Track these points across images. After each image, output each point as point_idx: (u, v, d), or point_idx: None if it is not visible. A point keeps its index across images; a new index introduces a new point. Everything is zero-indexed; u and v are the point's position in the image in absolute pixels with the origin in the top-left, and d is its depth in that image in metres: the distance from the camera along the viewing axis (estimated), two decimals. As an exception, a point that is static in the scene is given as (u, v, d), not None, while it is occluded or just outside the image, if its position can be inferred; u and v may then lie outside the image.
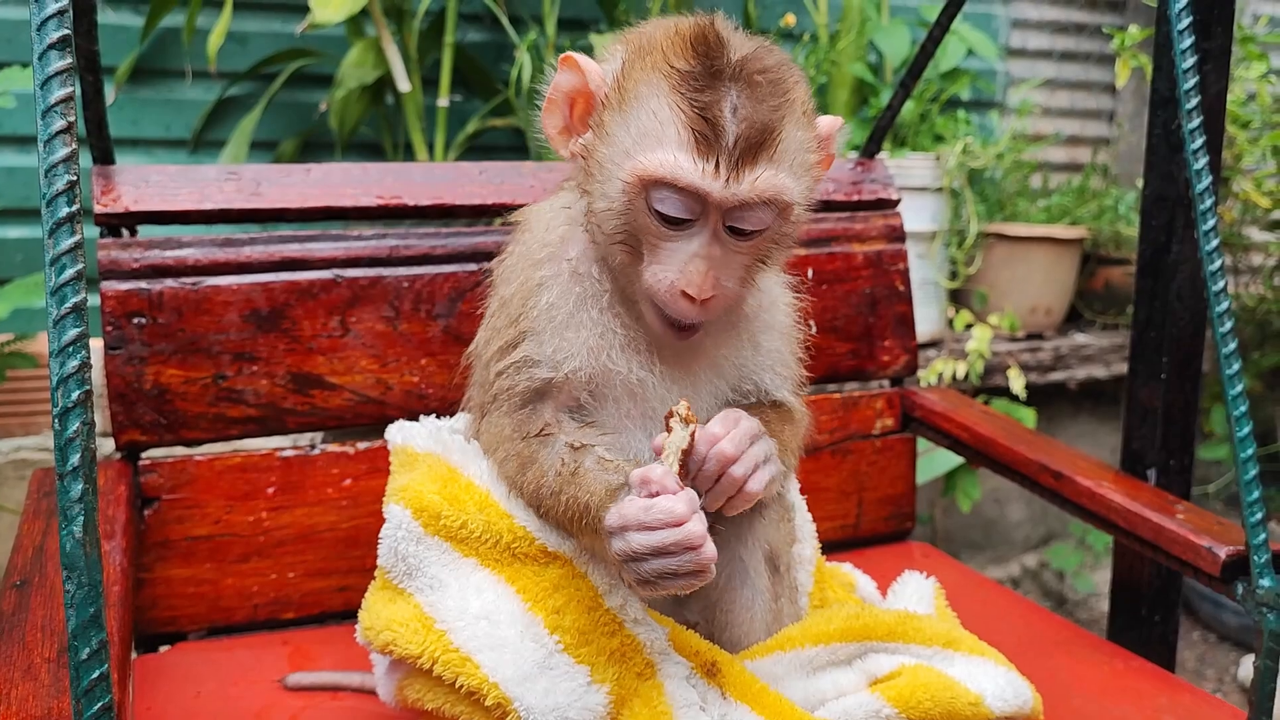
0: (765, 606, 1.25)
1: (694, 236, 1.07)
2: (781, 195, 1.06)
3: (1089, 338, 3.53)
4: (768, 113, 1.04)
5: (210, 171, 1.59)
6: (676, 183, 1.04)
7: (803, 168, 1.10)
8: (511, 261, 1.25)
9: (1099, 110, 4.15)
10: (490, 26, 3.18)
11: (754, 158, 1.04)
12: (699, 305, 1.07)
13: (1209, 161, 1.33)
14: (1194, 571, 1.41)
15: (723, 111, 1.03)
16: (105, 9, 2.83)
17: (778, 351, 1.26)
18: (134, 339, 1.50)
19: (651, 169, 1.04)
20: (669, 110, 1.04)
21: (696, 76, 1.03)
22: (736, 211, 1.06)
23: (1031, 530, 3.83)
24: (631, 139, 1.06)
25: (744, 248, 1.10)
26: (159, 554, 1.52)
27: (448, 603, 1.13)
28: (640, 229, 1.09)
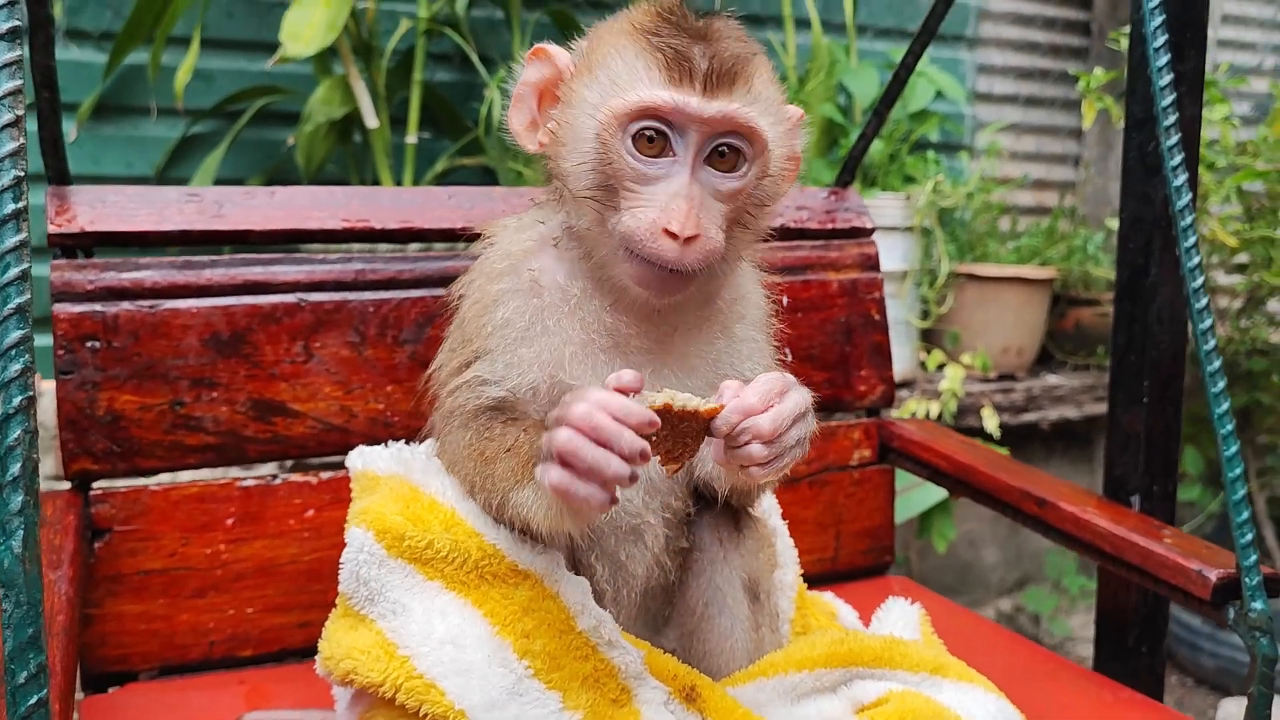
0: (745, 635, 1.21)
1: (674, 176, 1.05)
2: (758, 124, 1.06)
3: (1061, 378, 3.52)
4: (738, 54, 1.06)
5: (170, 193, 1.55)
6: (654, 105, 1.04)
7: (776, 120, 1.10)
8: (471, 277, 1.23)
9: (1065, 155, 4.19)
10: (459, 66, 3.16)
11: (730, 83, 1.05)
12: (682, 245, 1.03)
13: (1188, 178, 1.32)
14: (1183, 596, 1.37)
15: (692, 50, 1.05)
16: (69, 45, 2.79)
17: (753, 340, 1.22)
18: (87, 363, 1.44)
19: (628, 102, 1.05)
20: (639, 56, 1.06)
21: (663, 29, 1.06)
22: (717, 137, 1.06)
23: (1006, 573, 3.79)
24: (603, 88, 1.07)
25: (724, 190, 1.07)
26: (109, 589, 1.45)
27: (411, 628, 1.07)
28: (616, 175, 1.07)
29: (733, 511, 1.25)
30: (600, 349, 1.14)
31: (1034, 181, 4.09)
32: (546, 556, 1.10)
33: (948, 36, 3.86)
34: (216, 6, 2.88)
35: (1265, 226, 3.09)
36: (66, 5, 2.75)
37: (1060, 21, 4.08)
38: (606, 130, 1.06)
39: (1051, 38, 4.08)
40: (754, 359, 1.22)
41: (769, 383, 1.03)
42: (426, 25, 2.85)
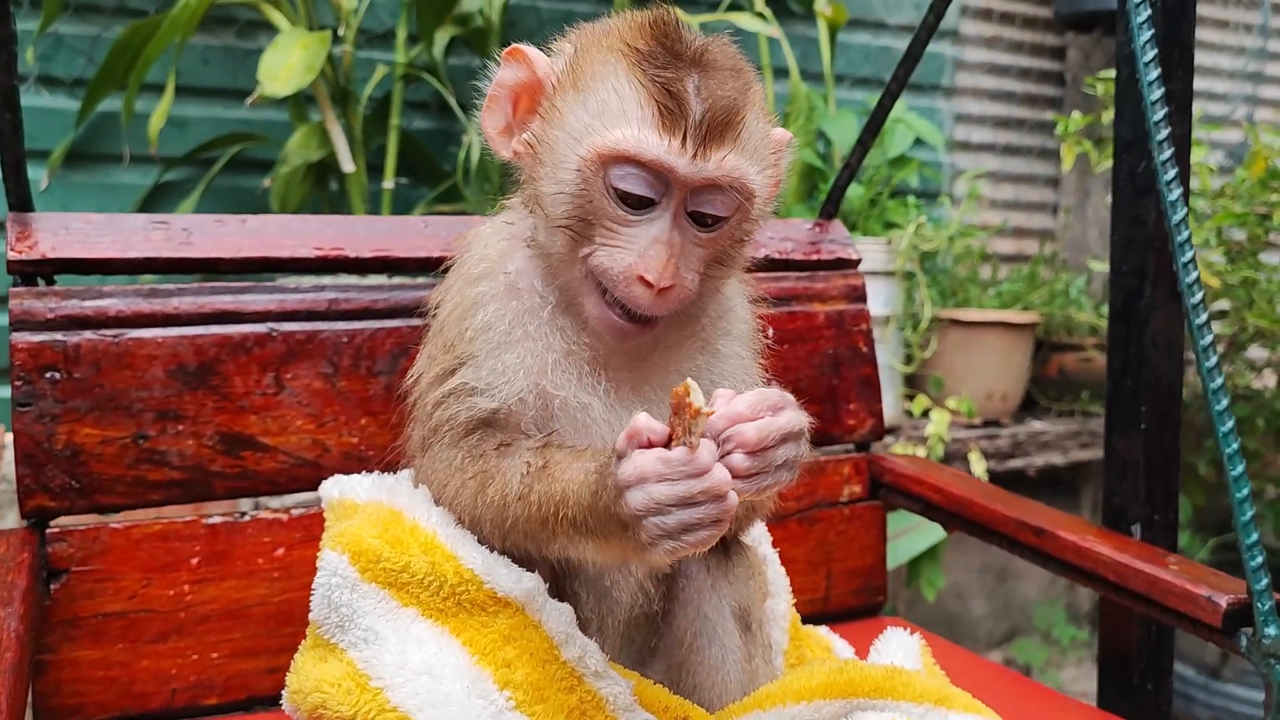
0: (737, 667, 1.14)
1: (655, 221, 1.00)
2: (747, 180, 1.02)
3: (1046, 424, 3.49)
4: (732, 94, 1.00)
5: (137, 220, 1.50)
6: (640, 158, 0.98)
7: (764, 161, 1.06)
8: (449, 282, 1.19)
9: (1042, 203, 4.20)
10: (437, 113, 3.14)
11: (720, 137, 0.99)
12: (656, 294, 0.99)
13: (1182, 193, 1.29)
14: (1192, 624, 1.32)
15: (687, 89, 0.98)
16: (40, 92, 2.76)
17: (738, 357, 1.18)
18: (46, 395, 1.38)
19: (614, 144, 0.99)
20: (630, 86, 0.99)
21: (657, 55, 1.00)
22: (701, 194, 1.01)
23: (994, 625, 3.72)
24: (590, 116, 1.01)
25: (704, 239, 1.03)
26: (65, 633, 1.37)
27: (384, 658, 1.01)
28: (595, 212, 1.02)
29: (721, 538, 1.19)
30: (583, 360, 1.10)
31: (1013, 229, 4.10)
32: (528, 583, 1.05)
33: (925, 86, 3.88)
34: (191, 53, 2.85)
35: (1246, 268, 3.09)
36: (39, 52, 2.72)
37: (1035, 71, 4.12)
38: (589, 166, 1.01)
39: (1027, 87, 4.11)
40: (738, 376, 1.18)
41: (764, 396, 0.97)
42: (404, 71, 2.83)
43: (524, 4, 3.20)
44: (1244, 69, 4.47)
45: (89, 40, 2.79)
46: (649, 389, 1.12)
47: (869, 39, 3.76)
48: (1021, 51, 4.09)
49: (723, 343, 1.18)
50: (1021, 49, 4.09)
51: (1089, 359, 3.53)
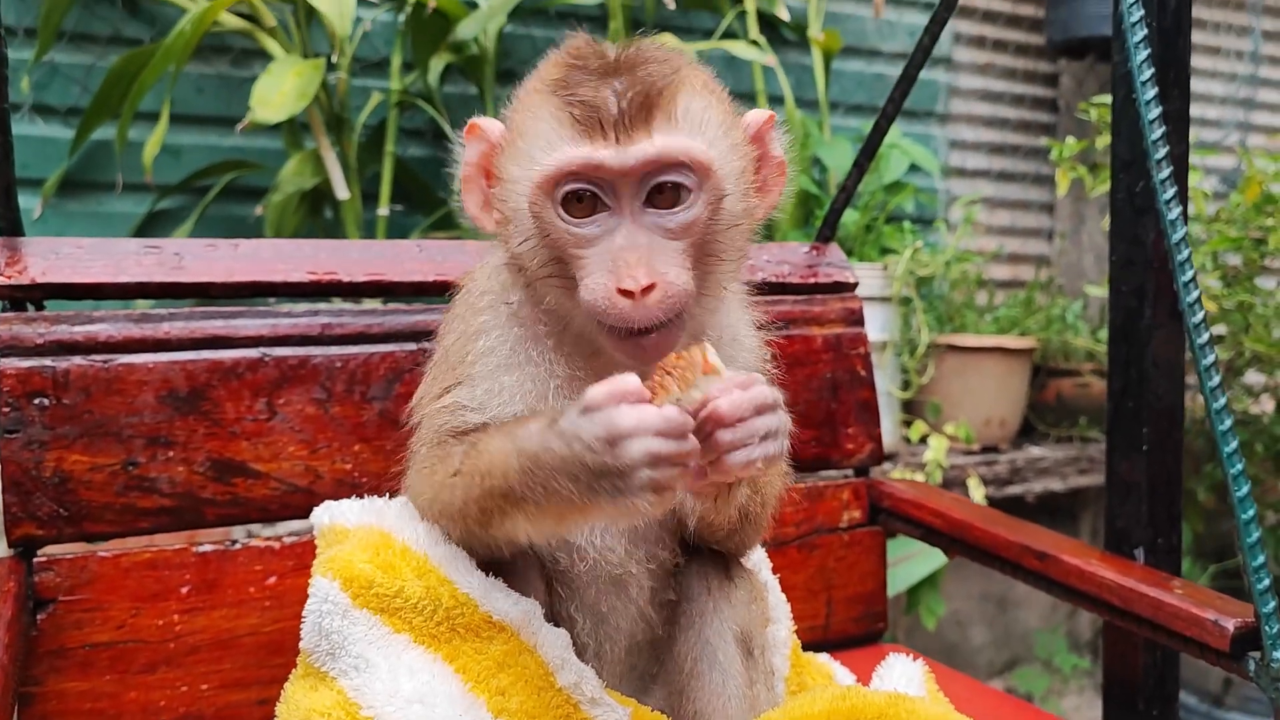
0: (739, 693, 1.12)
1: (614, 231, 0.99)
2: (691, 153, 0.98)
3: (1044, 450, 3.47)
4: (653, 79, 0.99)
5: (128, 244, 1.48)
6: (568, 169, 0.98)
7: (716, 136, 1.02)
8: (454, 312, 1.19)
9: (1037, 229, 4.21)
10: (432, 140, 3.14)
11: (646, 120, 0.98)
12: (640, 298, 0.96)
13: (1181, 213, 1.28)
14: (1199, 649, 1.30)
15: (603, 93, 0.98)
16: (35, 120, 2.75)
17: None
18: (34, 421, 1.36)
19: (545, 168, 0.98)
20: (550, 115, 1.00)
21: (570, 77, 1.00)
22: (649, 182, 0.99)
23: (995, 655, 3.69)
24: (523, 159, 1.01)
25: (675, 227, 1.00)
26: (52, 664, 1.35)
27: (376, 686, 0.98)
28: (560, 247, 1.01)
29: (723, 561, 1.18)
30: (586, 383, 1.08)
31: (1008, 255, 4.10)
32: (525, 606, 1.02)
33: (919, 112, 3.89)
34: (186, 81, 2.85)
35: (1243, 292, 3.08)
36: (34, 80, 2.71)
37: (1028, 98, 4.13)
38: (535, 204, 1.00)
39: (1020, 113, 4.12)
40: None
41: (732, 378, 0.97)
42: (399, 98, 2.83)
43: (518, 32, 3.20)
44: (1236, 95, 4.49)
45: (84, 69, 2.79)
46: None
47: (863, 66, 3.77)
48: (1015, 78, 4.11)
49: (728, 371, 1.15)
50: (1015, 76, 4.11)
51: (1086, 384, 3.51)
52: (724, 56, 3.34)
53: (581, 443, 0.91)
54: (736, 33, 3.31)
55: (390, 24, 3.02)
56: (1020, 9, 4.09)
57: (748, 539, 1.19)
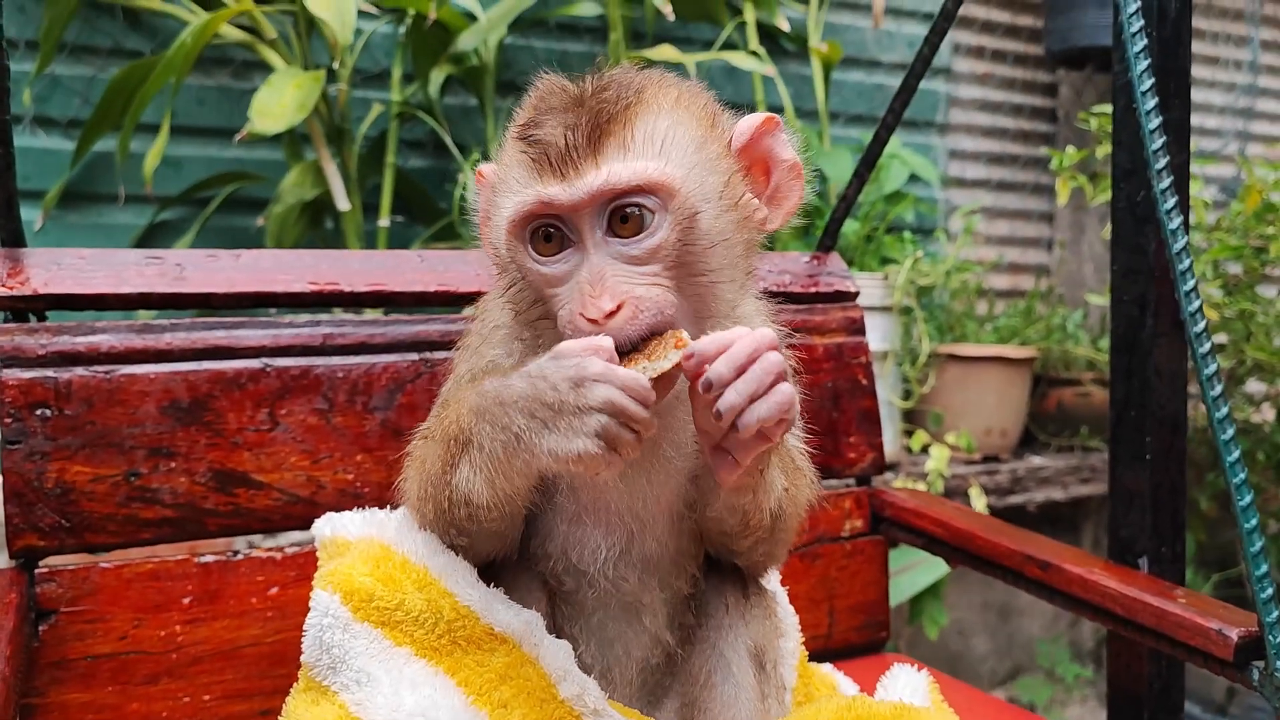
0: (751, 706, 1.11)
1: (580, 265, 0.98)
2: (644, 177, 0.96)
3: (1045, 460, 3.47)
4: (606, 108, 0.97)
5: (130, 255, 1.48)
6: (524, 209, 0.98)
7: (686, 155, 0.99)
8: (469, 342, 1.18)
9: (1037, 238, 4.21)
10: (433, 153, 3.15)
11: (595, 151, 0.97)
12: (604, 322, 0.95)
13: (1182, 222, 1.28)
14: (1203, 659, 1.30)
15: (556, 127, 0.97)
16: (36, 132, 2.75)
17: None
18: (36, 432, 1.36)
19: (508, 214, 1.00)
20: (513, 159, 1.01)
21: (533, 120, 1.00)
22: (604, 209, 0.98)
23: (998, 664, 3.68)
24: (497, 207, 1.03)
25: (640, 253, 0.98)
26: (54, 676, 1.34)
27: (378, 700, 0.98)
28: (537, 287, 1.01)
29: (740, 578, 1.18)
30: None
31: (1008, 265, 4.10)
32: (525, 618, 1.02)
33: (919, 122, 3.90)
34: (187, 93, 2.86)
35: (1244, 301, 3.08)
36: (35, 93, 2.72)
37: (1027, 108, 4.14)
38: (509, 248, 1.02)
39: (1019, 124, 4.13)
40: None
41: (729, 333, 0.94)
42: (399, 109, 2.84)
43: (519, 43, 3.21)
44: (1235, 104, 4.50)
45: (85, 81, 2.79)
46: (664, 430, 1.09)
47: (863, 77, 3.78)
48: (1014, 88, 4.12)
49: None
50: (1014, 86, 4.12)
51: (1087, 394, 3.51)
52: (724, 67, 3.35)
53: (546, 381, 0.91)
54: (736, 43, 3.32)
55: (391, 36, 3.03)
56: (1019, 19, 4.10)
57: (775, 550, 1.16)
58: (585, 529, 1.10)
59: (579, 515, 1.10)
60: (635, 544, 1.10)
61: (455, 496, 1.01)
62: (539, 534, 1.12)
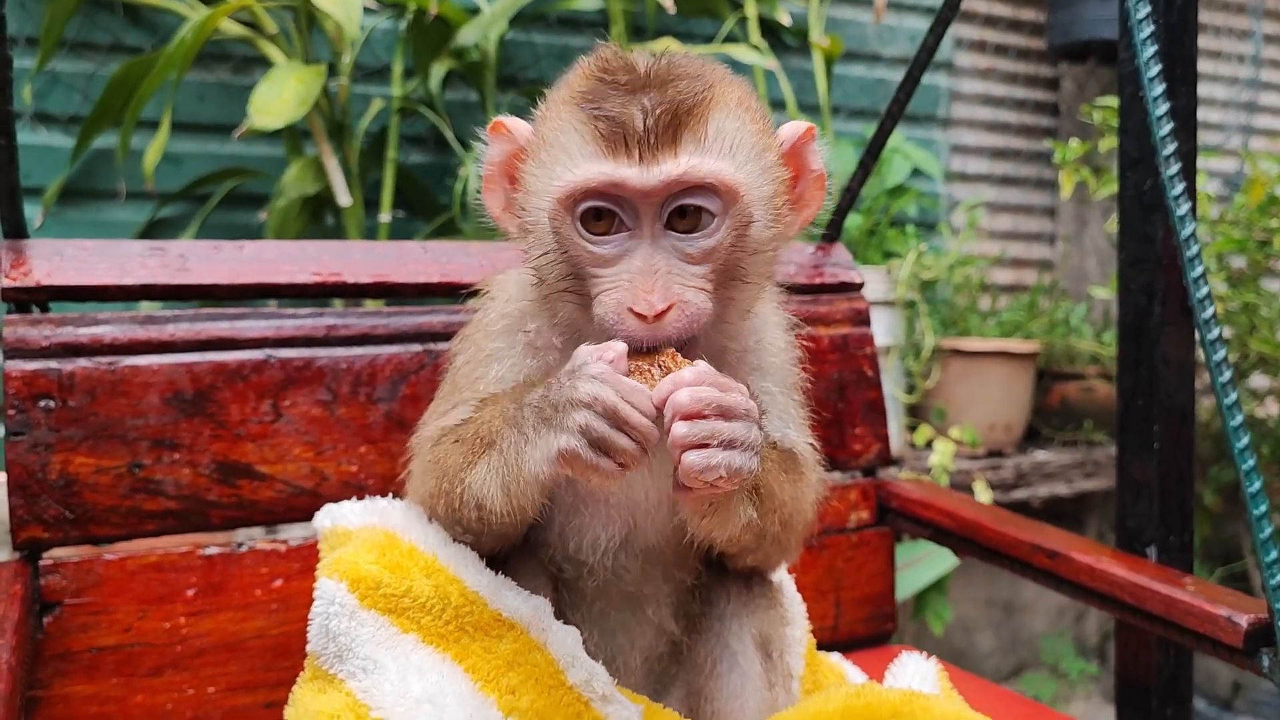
0: (758, 694, 1.11)
1: (634, 252, 0.96)
2: (718, 177, 0.95)
3: (1049, 454, 3.46)
4: (682, 97, 0.95)
5: (133, 246, 1.48)
6: (590, 186, 0.95)
7: (750, 159, 0.98)
8: (468, 332, 1.16)
9: (1040, 233, 4.20)
10: (433, 148, 3.14)
11: (672, 140, 0.95)
12: (653, 321, 0.94)
13: (1190, 209, 1.27)
14: (1212, 646, 1.29)
15: (630, 110, 0.95)
16: (36, 129, 2.75)
17: (769, 395, 1.12)
18: (40, 424, 1.35)
19: (566, 186, 0.96)
20: (576, 129, 0.97)
21: (598, 90, 0.97)
22: (673, 204, 0.96)
23: (1002, 661, 3.67)
24: (546, 170, 0.99)
25: (695, 253, 0.97)
26: (58, 668, 1.34)
27: (385, 686, 0.97)
28: (578, 263, 0.99)
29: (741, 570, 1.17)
30: None
31: (1011, 259, 4.09)
32: (533, 603, 1.02)
33: (921, 117, 3.89)
34: (187, 89, 2.85)
35: (1248, 294, 3.08)
36: (35, 89, 2.71)
37: (1030, 102, 4.13)
38: (555, 218, 0.99)
39: (1022, 118, 4.12)
40: (769, 411, 1.12)
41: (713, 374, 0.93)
42: (400, 105, 2.83)
43: (519, 38, 3.20)
44: (1238, 98, 4.49)
45: (85, 77, 2.79)
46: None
47: (864, 71, 3.78)
48: (1016, 82, 4.11)
49: (752, 378, 1.12)
50: (1016, 80, 4.11)
51: (1091, 388, 3.51)
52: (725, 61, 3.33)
53: (558, 382, 0.92)
54: (737, 37, 3.31)
55: (392, 30, 3.02)
56: (1021, 13, 4.09)
57: (769, 558, 1.16)
58: (583, 519, 1.09)
59: (576, 506, 1.09)
60: (635, 535, 1.10)
61: (468, 497, 1.00)
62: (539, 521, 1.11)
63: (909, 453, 3.23)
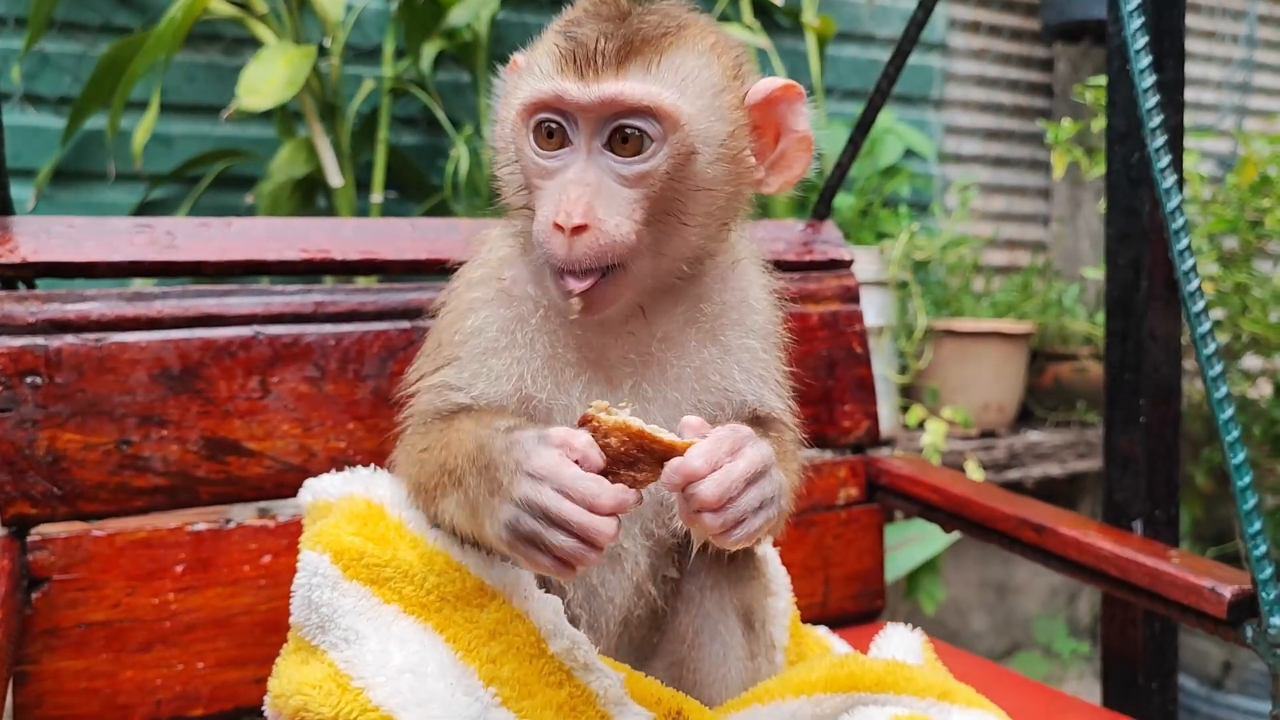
0: (740, 664, 1.12)
1: (570, 165, 0.99)
2: (655, 100, 0.97)
3: (1043, 435, 3.46)
4: (645, 29, 1.00)
5: (121, 223, 1.48)
6: (538, 99, 1.00)
7: (702, 95, 1.01)
8: (453, 284, 1.18)
9: (1034, 214, 4.20)
10: (425, 129, 3.13)
11: (621, 64, 0.98)
12: (570, 236, 0.95)
13: (1176, 181, 1.27)
14: (1196, 617, 1.30)
15: (593, 32, 0.99)
16: (26, 110, 2.74)
17: (749, 350, 1.12)
18: (27, 400, 1.35)
19: (522, 97, 1.01)
20: (545, 50, 1.03)
21: (581, 19, 1.02)
22: (611, 122, 0.99)
23: (995, 641, 3.68)
24: (514, 87, 1.05)
25: (630, 175, 0.99)
26: (47, 643, 1.34)
27: (366, 657, 0.98)
28: (528, 176, 1.03)
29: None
30: (569, 364, 1.07)
31: (1005, 240, 4.09)
32: (515, 572, 1.02)
33: (914, 97, 3.88)
34: (177, 70, 2.84)
35: (1240, 274, 3.08)
36: (24, 70, 2.70)
37: (1023, 83, 4.12)
38: (514, 130, 1.03)
39: (1016, 99, 4.12)
40: (750, 370, 1.12)
41: (719, 442, 0.92)
42: (392, 85, 2.82)
43: (511, 19, 3.19)
44: (1232, 79, 4.49)
45: (75, 58, 2.78)
46: (647, 386, 1.09)
47: (857, 51, 3.77)
48: (1010, 63, 4.10)
49: (731, 333, 1.12)
50: (1010, 60, 4.10)
51: (1084, 369, 3.51)
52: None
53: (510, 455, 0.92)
54: (730, 17, 3.30)
55: (383, 11, 3.01)
56: (1015, -6, 4.08)
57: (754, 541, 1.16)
58: None
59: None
60: None
61: (442, 518, 1.04)
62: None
63: (901, 433, 3.23)
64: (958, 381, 3.33)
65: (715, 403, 1.10)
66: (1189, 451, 3.33)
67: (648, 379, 1.09)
